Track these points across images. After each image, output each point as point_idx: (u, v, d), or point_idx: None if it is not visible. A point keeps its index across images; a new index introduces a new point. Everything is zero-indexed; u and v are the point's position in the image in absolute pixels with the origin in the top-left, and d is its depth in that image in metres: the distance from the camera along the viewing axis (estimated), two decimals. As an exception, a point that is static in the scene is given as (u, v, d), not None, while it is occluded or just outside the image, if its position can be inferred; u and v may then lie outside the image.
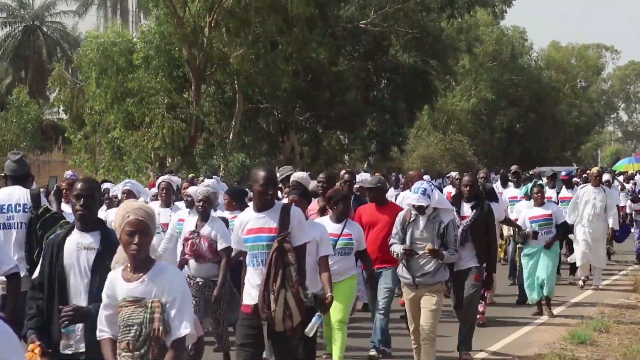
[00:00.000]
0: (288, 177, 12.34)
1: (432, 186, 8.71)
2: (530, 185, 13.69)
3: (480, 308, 10.98)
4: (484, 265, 9.82)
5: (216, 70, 28.80)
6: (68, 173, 15.90)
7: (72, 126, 32.14)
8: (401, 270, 8.73)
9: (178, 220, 10.38)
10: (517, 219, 13.01)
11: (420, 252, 8.55)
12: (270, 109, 33.25)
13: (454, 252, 8.57)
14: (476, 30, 47.53)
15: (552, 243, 12.45)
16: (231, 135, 30.49)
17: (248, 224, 6.58)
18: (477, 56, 49.76)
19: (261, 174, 6.50)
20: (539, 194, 12.61)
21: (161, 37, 28.61)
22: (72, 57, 52.19)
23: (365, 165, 38.22)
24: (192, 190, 10.65)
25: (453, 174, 22.94)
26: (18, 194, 7.89)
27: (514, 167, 18.49)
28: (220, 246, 9.07)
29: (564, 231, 13.19)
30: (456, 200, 10.18)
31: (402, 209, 9.57)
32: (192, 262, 9.19)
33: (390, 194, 15.31)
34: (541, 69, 61.61)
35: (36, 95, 46.49)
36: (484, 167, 42.29)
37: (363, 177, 12.46)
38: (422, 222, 8.59)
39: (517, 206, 14.01)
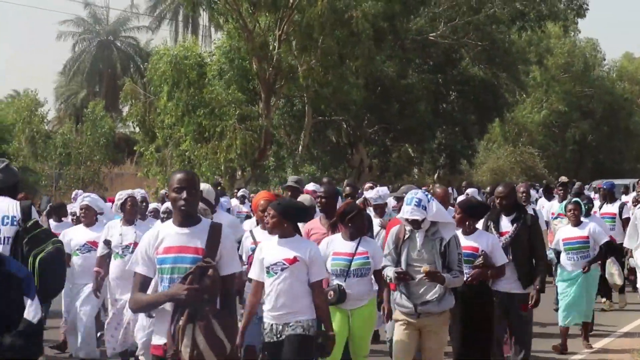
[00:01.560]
0: (291, 186, 11.28)
1: (429, 196, 7.32)
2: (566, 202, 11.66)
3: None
4: (532, 289, 8.52)
5: (285, 83, 28.99)
6: (78, 192, 15.21)
7: (144, 139, 32.62)
8: (399, 297, 7.33)
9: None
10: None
11: (418, 277, 7.17)
12: (340, 121, 33.33)
13: (458, 274, 7.20)
14: (547, 42, 47.00)
15: (591, 266, 10.91)
16: (300, 147, 30.63)
17: (166, 241, 5.14)
18: (549, 68, 49.21)
19: (176, 176, 5.15)
20: (574, 212, 11.00)
21: (233, 50, 28.94)
22: (145, 71, 53.20)
23: (434, 178, 38.04)
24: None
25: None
26: (6, 206, 6.99)
27: (562, 178, 17.13)
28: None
29: (607, 251, 11.39)
30: (493, 215, 8.88)
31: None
32: None
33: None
34: (614, 80, 60.66)
35: (110, 109, 47.38)
36: (555, 179, 41.71)
37: (380, 193, 11.18)
38: (419, 239, 7.23)
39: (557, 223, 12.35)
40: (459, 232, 7.98)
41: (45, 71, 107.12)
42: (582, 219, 11.12)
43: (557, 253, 11.06)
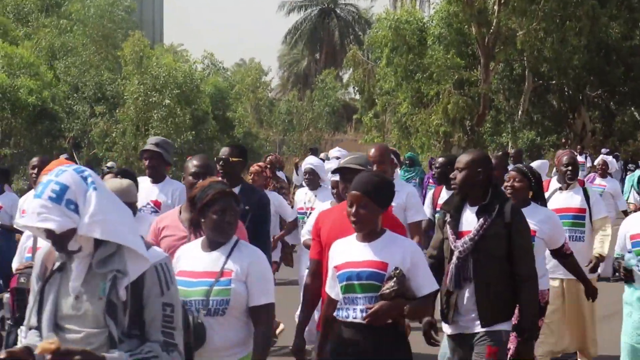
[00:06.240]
0: (147, 151, 7.09)
1: (91, 182, 3.32)
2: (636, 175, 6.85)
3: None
4: (513, 324, 5.20)
5: (505, 47, 28.67)
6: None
7: (364, 106, 33.32)
8: None
9: (27, 252, 5.51)
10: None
11: (72, 347, 3.23)
12: (560, 85, 32.58)
13: (158, 349, 3.33)
14: None
15: None
16: (519, 112, 30.26)
17: None
18: None
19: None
20: None
21: (451, 15, 28.97)
22: (363, 38, 54.00)
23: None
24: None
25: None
26: None
27: None
28: None
29: None
30: (452, 203, 5.29)
31: (400, 223, 5.08)
32: None
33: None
34: None
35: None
36: None
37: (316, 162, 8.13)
38: (75, 271, 3.35)
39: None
40: (352, 238, 4.55)
41: (268, 40, 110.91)
42: None
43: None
